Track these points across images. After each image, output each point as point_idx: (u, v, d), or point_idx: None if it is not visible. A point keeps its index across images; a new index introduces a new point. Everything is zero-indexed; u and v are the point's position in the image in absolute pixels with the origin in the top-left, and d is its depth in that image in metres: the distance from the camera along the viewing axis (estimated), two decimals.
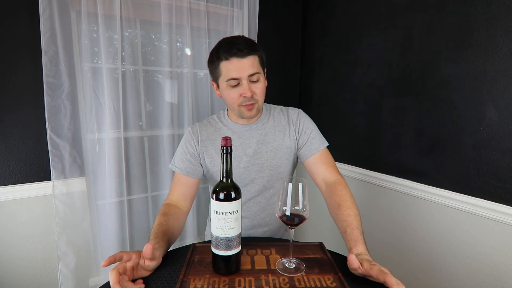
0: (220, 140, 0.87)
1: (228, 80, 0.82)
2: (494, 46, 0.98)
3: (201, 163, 0.95)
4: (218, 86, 0.89)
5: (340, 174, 0.92)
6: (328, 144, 0.96)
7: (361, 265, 0.60)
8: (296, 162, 1.02)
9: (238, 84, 0.83)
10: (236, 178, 0.91)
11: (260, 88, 0.86)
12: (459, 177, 1.11)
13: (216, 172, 0.93)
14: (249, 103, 0.84)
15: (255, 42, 0.86)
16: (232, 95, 0.84)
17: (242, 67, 0.80)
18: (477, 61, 1.03)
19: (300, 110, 1.00)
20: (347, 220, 0.74)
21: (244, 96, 0.83)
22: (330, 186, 0.87)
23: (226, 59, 0.81)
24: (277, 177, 0.95)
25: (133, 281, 0.60)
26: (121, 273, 0.57)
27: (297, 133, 0.96)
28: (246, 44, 0.81)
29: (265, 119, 0.97)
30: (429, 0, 1.17)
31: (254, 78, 0.83)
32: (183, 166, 0.93)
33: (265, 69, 0.91)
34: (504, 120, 0.97)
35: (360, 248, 0.66)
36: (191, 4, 1.55)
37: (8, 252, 1.31)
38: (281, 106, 1.02)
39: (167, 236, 0.74)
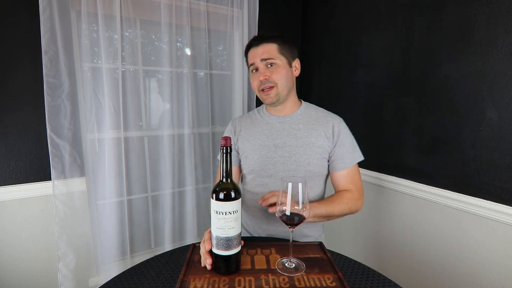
0: (257, 129, 0.98)
1: (249, 67, 0.96)
2: (494, 46, 0.98)
3: (238, 150, 1.03)
4: None
5: (361, 189, 0.96)
6: (363, 158, 0.96)
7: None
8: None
9: (257, 71, 0.93)
10: (261, 167, 0.94)
11: (276, 72, 0.91)
12: (459, 177, 1.11)
13: (246, 152, 0.98)
14: (265, 86, 0.91)
15: (273, 34, 0.93)
16: (253, 82, 0.96)
17: (256, 54, 0.92)
18: (477, 61, 1.03)
19: (342, 119, 0.99)
20: (330, 198, 0.89)
21: (260, 80, 0.91)
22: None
23: (248, 50, 0.96)
24: (304, 174, 0.92)
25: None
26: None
27: (333, 140, 0.94)
28: (262, 36, 0.93)
29: (301, 116, 0.98)
30: (429, 0, 1.17)
31: (269, 62, 0.91)
32: None
33: (295, 59, 0.96)
34: (504, 120, 0.97)
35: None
36: (191, 4, 1.55)
37: (8, 252, 1.31)
38: (322, 108, 1.02)
39: None
